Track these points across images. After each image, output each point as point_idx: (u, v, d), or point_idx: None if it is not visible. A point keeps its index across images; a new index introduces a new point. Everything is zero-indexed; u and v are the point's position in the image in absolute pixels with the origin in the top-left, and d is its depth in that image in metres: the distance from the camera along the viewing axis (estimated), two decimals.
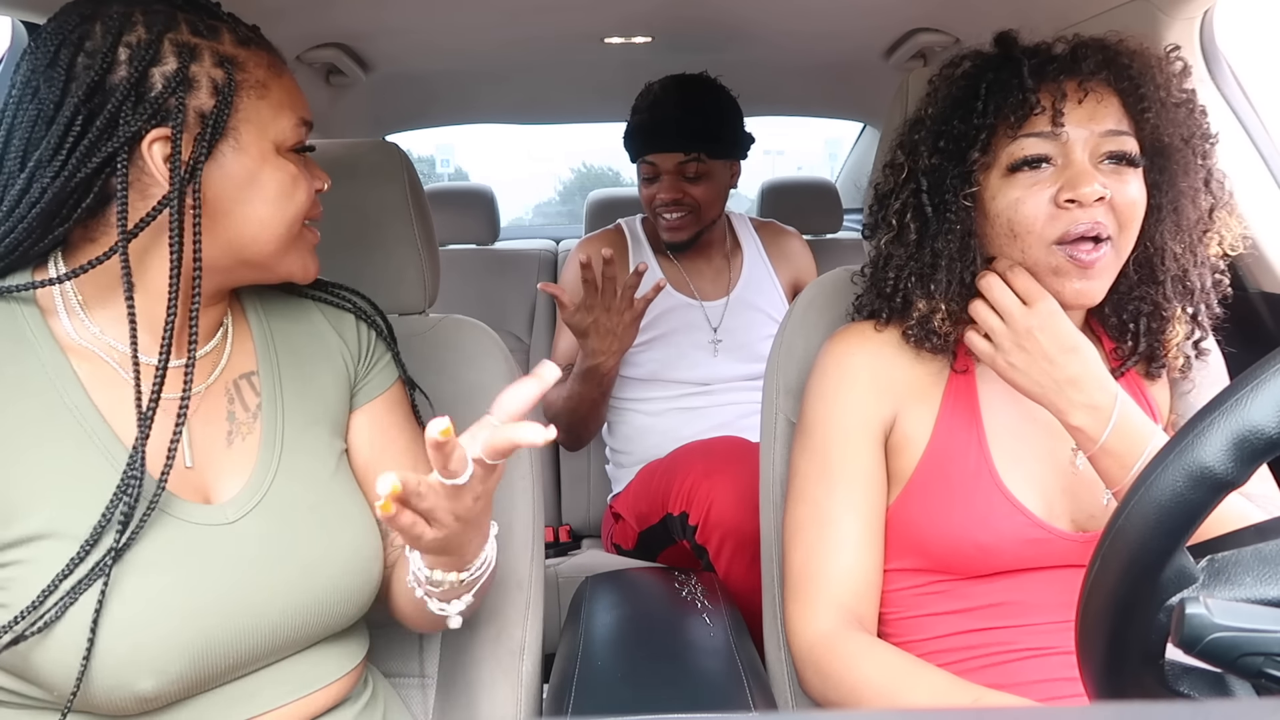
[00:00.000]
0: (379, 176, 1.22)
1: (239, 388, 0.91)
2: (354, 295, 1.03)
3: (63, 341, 0.82)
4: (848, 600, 0.99)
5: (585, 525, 2.16)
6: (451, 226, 2.50)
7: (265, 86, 0.83)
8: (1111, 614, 0.53)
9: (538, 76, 2.25)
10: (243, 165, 0.82)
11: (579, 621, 1.23)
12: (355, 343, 1.00)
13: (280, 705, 0.86)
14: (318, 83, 1.97)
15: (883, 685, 0.91)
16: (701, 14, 1.77)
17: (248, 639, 0.82)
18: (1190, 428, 0.49)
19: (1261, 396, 0.48)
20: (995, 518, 0.97)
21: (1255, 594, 0.51)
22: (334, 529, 0.89)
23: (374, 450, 0.98)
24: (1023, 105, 0.92)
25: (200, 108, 0.79)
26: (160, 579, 0.78)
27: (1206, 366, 1.08)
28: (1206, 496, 0.49)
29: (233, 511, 0.85)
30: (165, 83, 0.78)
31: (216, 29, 0.82)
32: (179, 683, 0.78)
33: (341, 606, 0.89)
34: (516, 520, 1.15)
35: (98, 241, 0.81)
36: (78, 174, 0.77)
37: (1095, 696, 0.59)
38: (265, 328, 0.95)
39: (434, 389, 1.19)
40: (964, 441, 1.00)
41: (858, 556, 0.99)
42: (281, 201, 0.85)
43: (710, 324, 1.86)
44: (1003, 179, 0.94)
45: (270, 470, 0.88)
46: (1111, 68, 0.94)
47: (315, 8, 1.56)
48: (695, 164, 1.76)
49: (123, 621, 0.76)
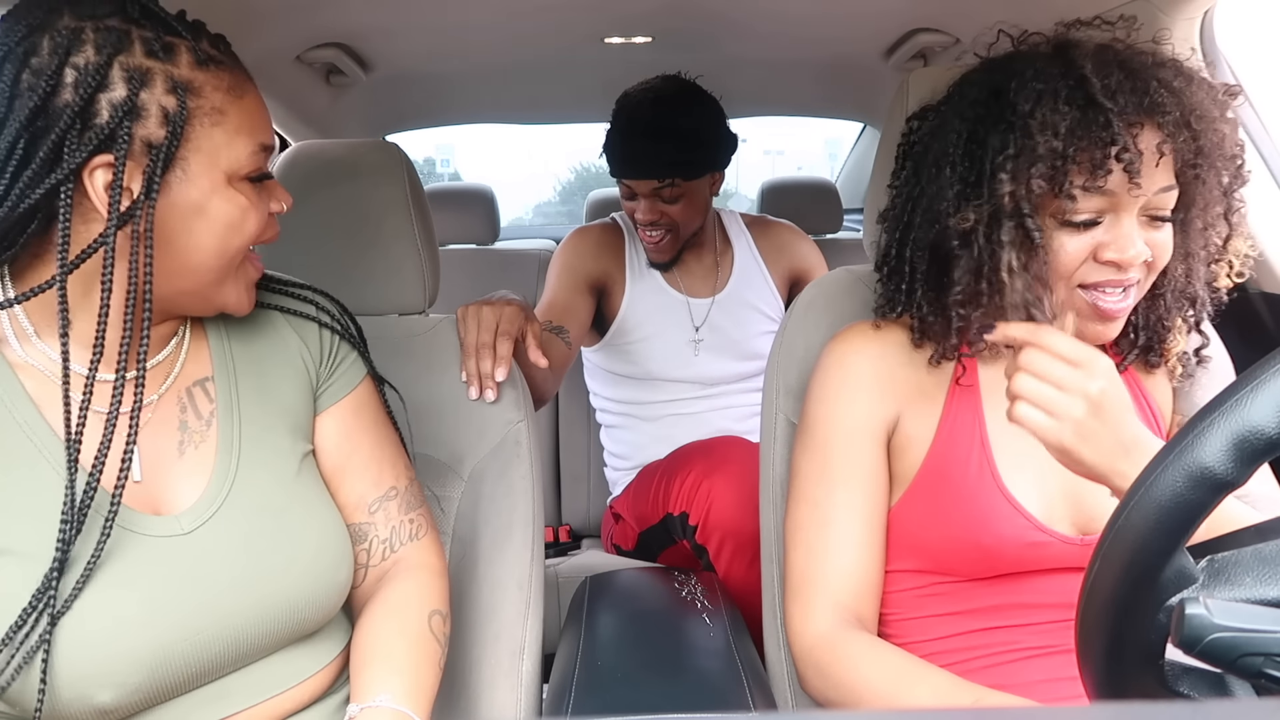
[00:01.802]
0: (379, 176, 1.22)
1: (192, 395, 0.88)
2: (318, 295, 1.01)
3: (12, 361, 0.80)
4: (848, 600, 0.98)
5: (585, 525, 2.16)
6: (451, 226, 2.50)
7: (222, 112, 0.79)
8: (1111, 614, 0.53)
9: (538, 76, 2.25)
10: (189, 196, 0.79)
11: (579, 622, 1.23)
12: (316, 344, 0.97)
13: (252, 705, 0.85)
14: (318, 83, 1.97)
15: (884, 685, 0.91)
16: (701, 14, 1.77)
17: (210, 648, 0.81)
18: (1190, 428, 0.49)
19: (1261, 397, 0.48)
20: (997, 520, 0.96)
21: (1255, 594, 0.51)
22: (296, 534, 0.87)
23: (342, 453, 0.97)
24: (1103, 164, 0.86)
25: (148, 137, 0.75)
26: (116, 593, 0.77)
27: (1209, 365, 1.08)
28: (1206, 497, 0.49)
29: (189, 521, 0.83)
30: (112, 111, 0.74)
31: (174, 48, 0.77)
32: (139, 693, 0.78)
33: (307, 611, 0.87)
34: (516, 520, 1.15)
35: (44, 259, 0.78)
36: (22, 203, 0.74)
37: (1095, 696, 0.59)
38: (222, 332, 0.93)
39: (434, 389, 1.19)
40: (966, 443, 1.00)
41: (858, 557, 0.99)
42: (226, 233, 0.81)
43: (693, 322, 1.86)
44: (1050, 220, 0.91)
45: (228, 478, 0.86)
46: (1181, 110, 0.88)
47: (315, 7, 1.56)
48: (670, 188, 1.72)
49: (79, 636, 0.75)
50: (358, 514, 0.97)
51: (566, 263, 1.82)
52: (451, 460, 1.19)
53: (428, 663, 0.92)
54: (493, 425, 1.19)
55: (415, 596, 0.95)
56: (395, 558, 0.98)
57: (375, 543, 0.97)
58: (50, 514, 0.76)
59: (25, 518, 0.76)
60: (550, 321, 1.70)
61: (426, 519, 1.02)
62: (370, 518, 0.97)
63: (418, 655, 0.91)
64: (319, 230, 1.21)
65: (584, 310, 1.78)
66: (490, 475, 1.18)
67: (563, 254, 1.85)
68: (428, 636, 0.93)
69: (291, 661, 0.88)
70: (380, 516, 0.98)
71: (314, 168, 1.24)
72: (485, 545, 1.15)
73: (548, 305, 1.75)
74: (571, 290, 1.77)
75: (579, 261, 1.82)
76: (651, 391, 1.86)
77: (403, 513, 0.99)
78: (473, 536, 1.16)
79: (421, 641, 0.93)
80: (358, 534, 0.96)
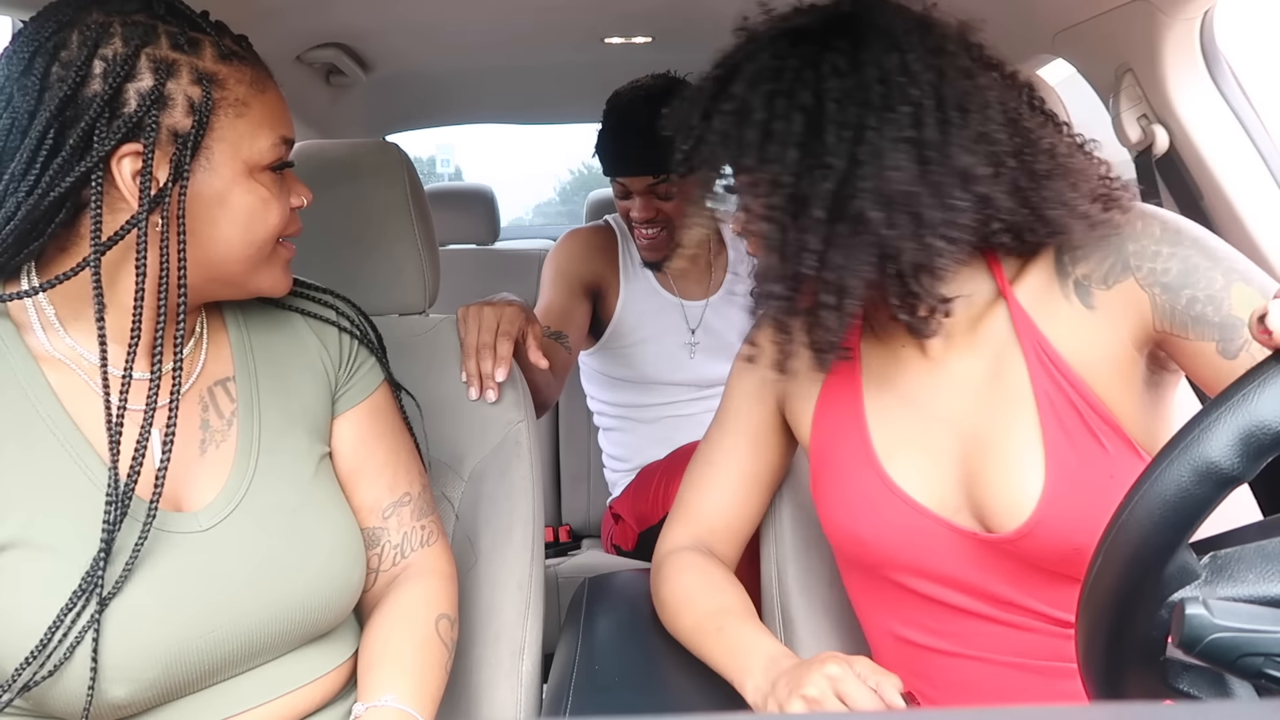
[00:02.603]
0: (379, 176, 1.22)
1: (213, 395, 0.89)
2: (338, 299, 1.01)
3: (36, 353, 0.81)
4: (705, 535, 1.07)
5: (585, 525, 2.16)
6: (451, 226, 2.50)
7: (245, 104, 0.81)
8: (1113, 609, 0.53)
9: (538, 76, 2.25)
10: (211, 186, 0.80)
11: (578, 622, 1.23)
12: (336, 348, 0.98)
13: (262, 703, 0.85)
14: (318, 83, 1.97)
15: (671, 601, 1.02)
16: (701, 14, 1.77)
17: (223, 646, 0.81)
18: (1197, 422, 0.49)
19: (1269, 392, 0.47)
20: (874, 508, 0.92)
21: (1258, 591, 0.51)
22: (310, 535, 0.88)
23: (357, 457, 0.97)
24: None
25: (174, 126, 0.77)
26: (133, 587, 0.77)
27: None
28: (1212, 492, 0.48)
29: (206, 519, 0.84)
30: (140, 100, 0.76)
31: (199, 42, 0.79)
32: (152, 689, 0.78)
33: (320, 612, 0.88)
34: (516, 520, 1.15)
35: (69, 252, 0.80)
36: (51, 192, 0.75)
37: (1096, 692, 0.59)
38: (244, 332, 0.93)
39: (434, 389, 1.19)
40: (843, 423, 0.96)
41: (727, 501, 1.07)
42: (250, 224, 0.83)
43: (689, 325, 1.85)
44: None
45: (246, 477, 0.87)
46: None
47: (315, 7, 1.56)
48: (664, 184, 1.71)
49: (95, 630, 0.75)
50: (371, 518, 0.97)
51: (560, 267, 1.81)
52: (452, 460, 1.19)
53: (434, 666, 0.92)
54: (493, 425, 1.19)
55: (423, 601, 0.96)
56: (405, 563, 0.99)
57: (387, 548, 0.98)
58: (71, 507, 0.77)
59: (48, 512, 0.77)
60: (549, 327, 1.70)
61: (437, 525, 1.03)
62: (383, 523, 0.98)
63: (424, 658, 0.92)
64: (319, 231, 1.21)
65: (581, 314, 1.78)
66: (490, 475, 1.18)
67: (555, 258, 1.84)
68: (435, 640, 0.94)
69: (303, 661, 0.88)
70: (393, 522, 0.98)
71: (314, 168, 1.24)
72: (485, 545, 1.15)
73: (544, 311, 1.74)
74: (567, 294, 1.77)
75: (572, 265, 1.81)
76: (648, 394, 1.86)
77: (415, 519, 1.00)
78: (473, 537, 1.16)
79: (428, 645, 0.93)
80: (370, 538, 0.97)
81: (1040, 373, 0.86)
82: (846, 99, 0.81)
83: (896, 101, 0.80)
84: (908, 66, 0.81)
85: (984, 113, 0.82)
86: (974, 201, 0.81)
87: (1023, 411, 0.86)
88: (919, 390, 0.93)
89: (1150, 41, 1.31)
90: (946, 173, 0.80)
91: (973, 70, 0.84)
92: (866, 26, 0.84)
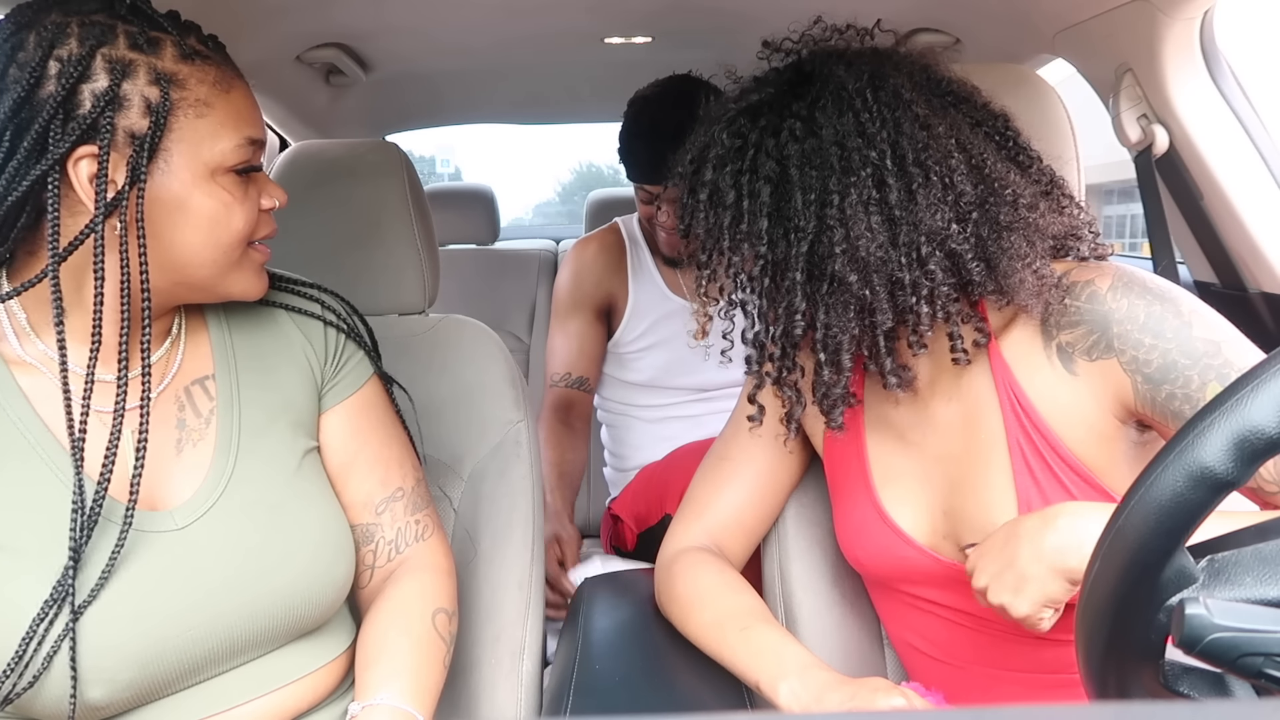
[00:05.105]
0: (379, 176, 1.22)
1: (190, 394, 0.88)
2: (324, 294, 1.00)
3: (8, 357, 0.81)
4: (716, 532, 1.06)
5: (585, 526, 2.16)
6: (451, 226, 2.50)
7: (207, 105, 0.79)
8: (1111, 613, 0.53)
9: (538, 76, 2.25)
10: (170, 189, 0.78)
11: (578, 622, 1.23)
12: (321, 342, 0.97)
13: (247, 700, 0.85)
14: (317, 83, 1.97)
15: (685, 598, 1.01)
16: (701, 14, 1.77)
17: (203, 644, 0.81)
18: (1191, 427, 0.49)
19: (1262, 396, 0.47)
20: (867, 534, 0.96)
21: (1255, 594, 0.51)
22: (292, 530, 0.87)
23: (348, 452, 0.97)
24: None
25: (131, 128, 0.76)
26: (106, 589, 0.77)
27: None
28: (1207, 496, 0.49)
29: (182, 517, 0.83)
30: (94, 101, 0.74)
31: (159, 42, 0.77)
32: (130, 689, 0.78)
33: (305, 608, 0.87)
34: (516, 520, 1.15)
35: (38, 256, 0.79)
36: (9, 195, 0.74)
37: (1095, 696, 0.59)
38: (225, 330, 0.92)
39: (434, 389, 1.19)
40: (848, 450, 1.00)
41: (741, 499, 1.06)
42: (213, 228, 0.81)
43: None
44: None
45: (224, 474, 0.86)
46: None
47: (315, 7, 1.56)
48: None
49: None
50: (364, 514, 0.97)
51: (572, 293, 1.81)
52: (451, 460, 1.19)
53: (432, 662, 0.92)
54: (493, 425, 1.19)
55: (419, 596, 0.95)
56: (401, 558, 0.98)
57: (381, 544, 0.97)
58: (43, 510, 0.76)
59: (18, 513, 0.76)
60: (570, 374, 1.70)
61: (433, 519, 1.02)
62: (376, 518, 0.97)
63: (421, 654, 0.91)
64: (319, 230, 1.21)
65: (597, 343, 1.80)
66: (490, 475, 1.18)
67: (566, 281, 1.84)
68: (432, 635, 0.93)
69: (292, 657, 0.88)
70: (386, 517, 0.97)
71: (314, 168, 1.24)
72: (485, 545, 1.15)
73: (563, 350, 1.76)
74: (583, 324, 1.78)
75: (583, 290, 1.81)
76: (652, 395, 1.86)
77: (409, 513, 0.99)
78: (473, 537, 1.16)
79: (425, 640, 0.93)
80: (364, 535, 0.96)
81: (1014, 424, 0.87)
82: (806, 163, 0.83)
83: (856, 165, 0.82)
84: (863, 128, 0.82)
85: (945, 164, 0.82)
86: (947, 259, 0.82)
87: (996, 458, 0.88)
88: (911, 427, 0.95)
89: (1150, 41, 1.31)
90: (917, 233, 0.82)
91: (929, 120, 0.84)
92: (821, 86, 0.85)
